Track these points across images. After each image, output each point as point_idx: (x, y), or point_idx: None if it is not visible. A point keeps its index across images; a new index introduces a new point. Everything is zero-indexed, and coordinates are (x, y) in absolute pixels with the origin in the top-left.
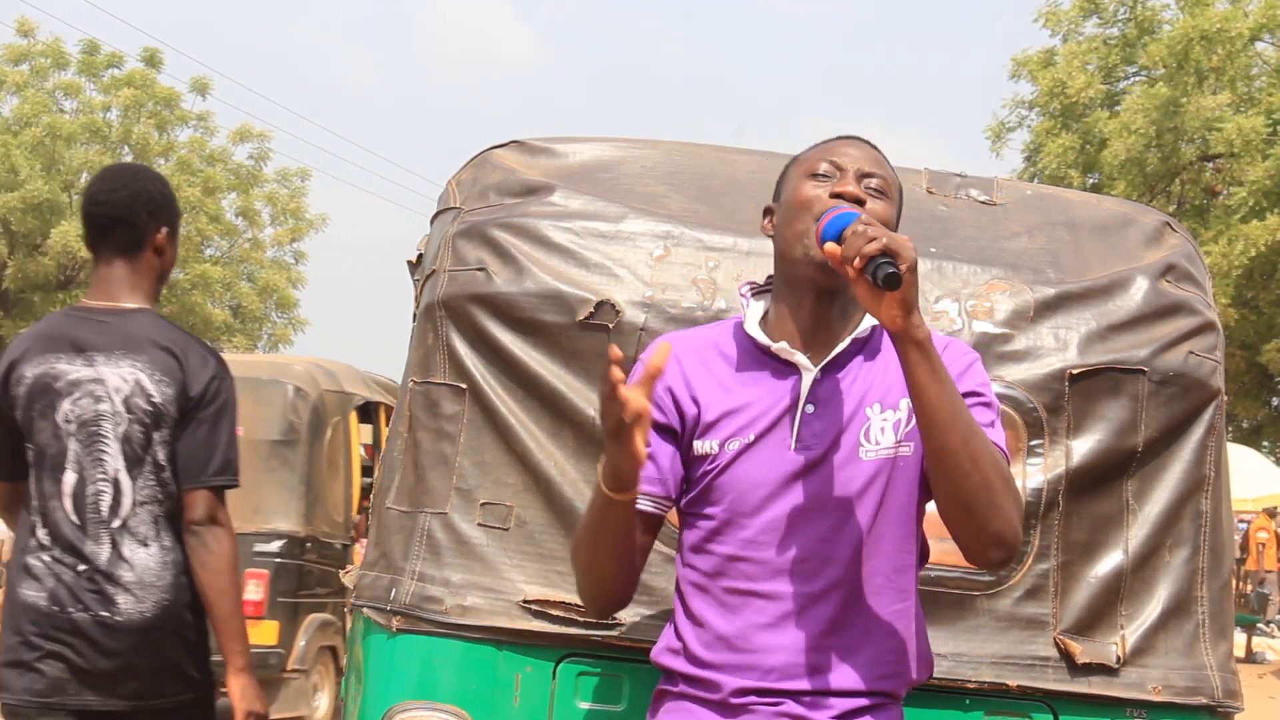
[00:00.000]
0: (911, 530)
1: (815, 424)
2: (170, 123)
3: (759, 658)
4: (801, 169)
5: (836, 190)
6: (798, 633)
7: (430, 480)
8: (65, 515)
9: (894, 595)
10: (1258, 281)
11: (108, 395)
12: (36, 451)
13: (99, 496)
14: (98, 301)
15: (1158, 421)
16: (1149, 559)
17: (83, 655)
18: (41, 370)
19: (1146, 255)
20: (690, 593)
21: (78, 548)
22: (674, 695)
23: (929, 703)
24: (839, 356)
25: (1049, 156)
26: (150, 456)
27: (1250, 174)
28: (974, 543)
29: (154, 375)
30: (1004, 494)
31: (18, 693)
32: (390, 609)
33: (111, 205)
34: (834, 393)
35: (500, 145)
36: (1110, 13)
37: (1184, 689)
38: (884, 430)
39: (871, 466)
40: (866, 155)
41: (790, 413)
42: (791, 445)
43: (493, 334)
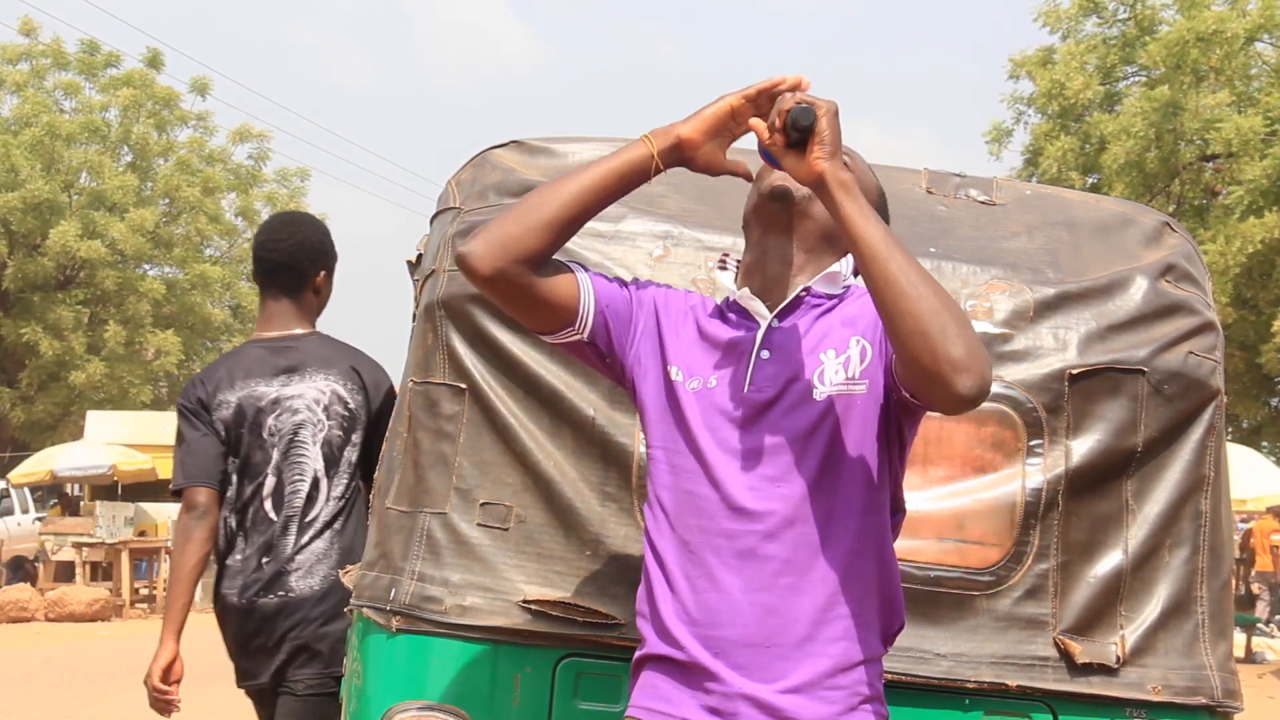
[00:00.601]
0: (871, 472)
1: (769, 368)
2: (170, 123)
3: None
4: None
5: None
6: (754, 575)
7: (430, 480)
8: (265, 514)
9: (853, 536)
10: (1257, 281)
11: (306, 407)
12: (241, 464)
13: (295, 495)
14: (273, 332)
15: (1157, 421)
16: (1149, 559)
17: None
18: (244, 394)
19: (1146, 255)
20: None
21: (269, 543)
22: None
23: (929, 702)
24: (796, 308)
25: (1048, 159)
26: (344, 458)
27: (1248, 173)
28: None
29: (346, 385)
30: (957, 315)
31: (246, 680)
32: (390, 609)
33: (279, 252)
34: (789, 339)
35: (500, 145)
36: (1110, 12)
37: (1183, 689)
38: (836, 372)
39: (822, 405)
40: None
41: (745, 357)
42: (745, 387)
43: (492, 334)
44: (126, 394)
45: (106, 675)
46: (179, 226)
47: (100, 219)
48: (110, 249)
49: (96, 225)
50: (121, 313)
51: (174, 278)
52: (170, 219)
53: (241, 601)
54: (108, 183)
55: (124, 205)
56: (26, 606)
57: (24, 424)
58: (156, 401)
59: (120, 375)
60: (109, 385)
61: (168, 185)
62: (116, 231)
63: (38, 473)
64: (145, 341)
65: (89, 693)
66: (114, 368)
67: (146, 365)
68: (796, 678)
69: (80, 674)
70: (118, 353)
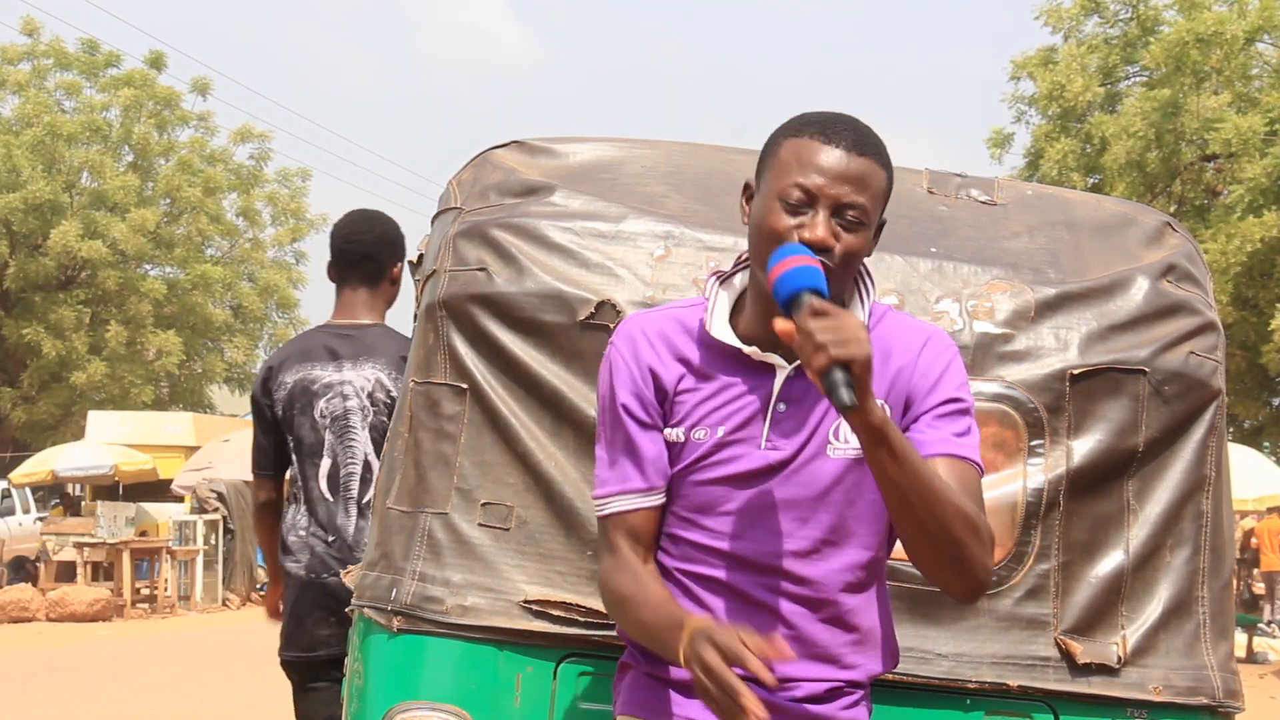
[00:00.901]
0: (880, 526)
1: (786, 423)
2: (170, 123)
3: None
4: (778, 184)
5: (805, 238)
6: (760, 623)
7: (431, 480)
8: (321, 494)
9: (856, 589)
10: (1257, 281)
11: (355, 393)
12: (296, 443)
13: (350, 478)
14: (342, 320)
15: (1158, 421)
16: (1150, 559)
17: (335, 613)
18: (299, 376)
19: (1147, 255)
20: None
21: (330, 522)
22: (635, 668)
23: (929, 703)
24: None
25: (1049, 162)
26: None
27: (1248, 172)
28: (945, 585)
29: (390, 374)
30: (972, 543)
31: (293, 650)
32: (391, 609)
33: (362, 244)
34: (806, 391)
35: (501, 145)
36: (1111, 12)
37: (1185, 689)
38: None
39: (839, 465)
40: (849, 171)
41: (762, 411)
42: (761, 444)
43: (493, 334)
44: (128, 394)
45: (107, 675)
46: (180, 226)
47: (101, 219)
48: (111, 249)
49: (98, 225)
50: (123, 313)
51: (175, 278)
52: (171, 219)
53: (309, 577)
54: (109, 183)
55: (125, 205)
56: (28, 606)
57: (25, 424)
58: (158, 401)
59: (121, 375)
60: (110, 385)
61: (169, 185)
62: (118, 232)
63: (39, 473)
64: (146, 342)
65: (90, 693)
66: (115, 368)
67: (147, 365)
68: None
69: (81, 674)
70: (119, 353)
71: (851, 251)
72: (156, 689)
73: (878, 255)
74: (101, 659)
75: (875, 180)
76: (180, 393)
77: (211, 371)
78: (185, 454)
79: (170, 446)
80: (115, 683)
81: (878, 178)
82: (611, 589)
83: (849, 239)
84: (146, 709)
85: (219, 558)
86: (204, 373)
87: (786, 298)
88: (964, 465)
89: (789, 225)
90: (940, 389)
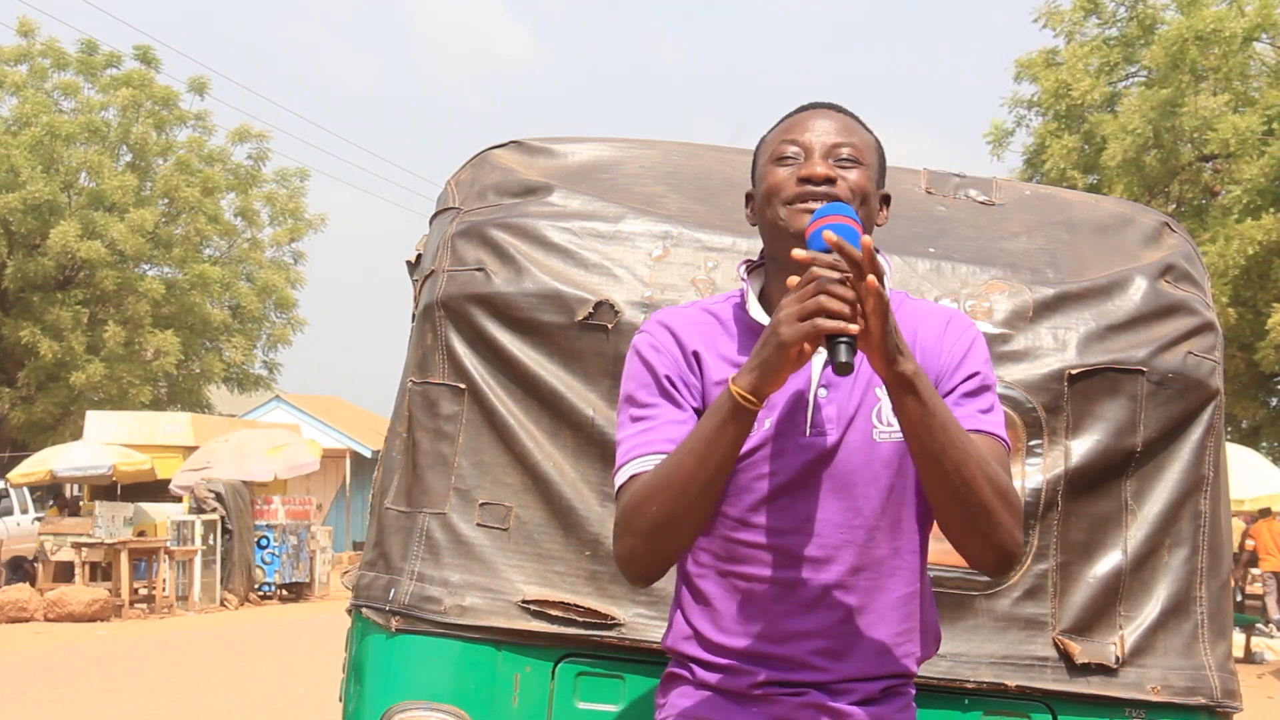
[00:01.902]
0: (925, 508)
1: (828, 408)
2: (169, 122)
3: (781, 648)
4: (768, 153)
5: (803, 174)
6: (818, 619)
7: (429, 480)
8: None
9: (908, 575)
10: (1255, 282)
11: None
12: None
13: None
14: None
15: (1156, 422)
16: (1148, 559)
17: None
18: None
19: (1145, 255)
20: (704, 577)
21: None
22: (688, 681)
23: (928, 703)
24: None
25: (1053, 158)
26: None
27: (1245, 172)
28: (975, 555)
29: None
30: (1001, 509)
31: None
32: (389, 609)
33: None
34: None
35: (499, 145)
36: (1109, 13)
37: (1183, 689)
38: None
39: (886, 449)
40: (832, 124)
41: (803, 397)
42: (807, 431)
43: (491, 334)
44: (126, 394)
45: (105, 675)
46: (178, 227)
47: (100, 219)
48: (110, 249)
49: (96, 225)
50: (121, 313)
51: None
52: (169, 219)
53: None
54: (107, 183)
55: (123, 205)
56: (26, 606)
57: (23, 424)
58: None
59: (119, 375)
60: (108, 385)
61: (167, 185)
62: (116, 232)
63: (37, 473)
64: (144, 342)
65: (88, 693)
66: (113, 368)
67: (146, 365)
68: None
69: (79, 674)
70: (117, 353)
71: (858, 187)
72: (155, 689)
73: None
74: (99, 659)
75: (861, 133)
76: (178, 393)
77: (210, 371)
78: (183, 454)
79: (168, 446)
80: (113, 683)
81: (863, 132)
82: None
83: (851, 175)
84: (145, 709)
85: (217, 558)
86: (202, 373)
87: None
88: (991, 440)
89: (787, 174)
90: (965, 366)
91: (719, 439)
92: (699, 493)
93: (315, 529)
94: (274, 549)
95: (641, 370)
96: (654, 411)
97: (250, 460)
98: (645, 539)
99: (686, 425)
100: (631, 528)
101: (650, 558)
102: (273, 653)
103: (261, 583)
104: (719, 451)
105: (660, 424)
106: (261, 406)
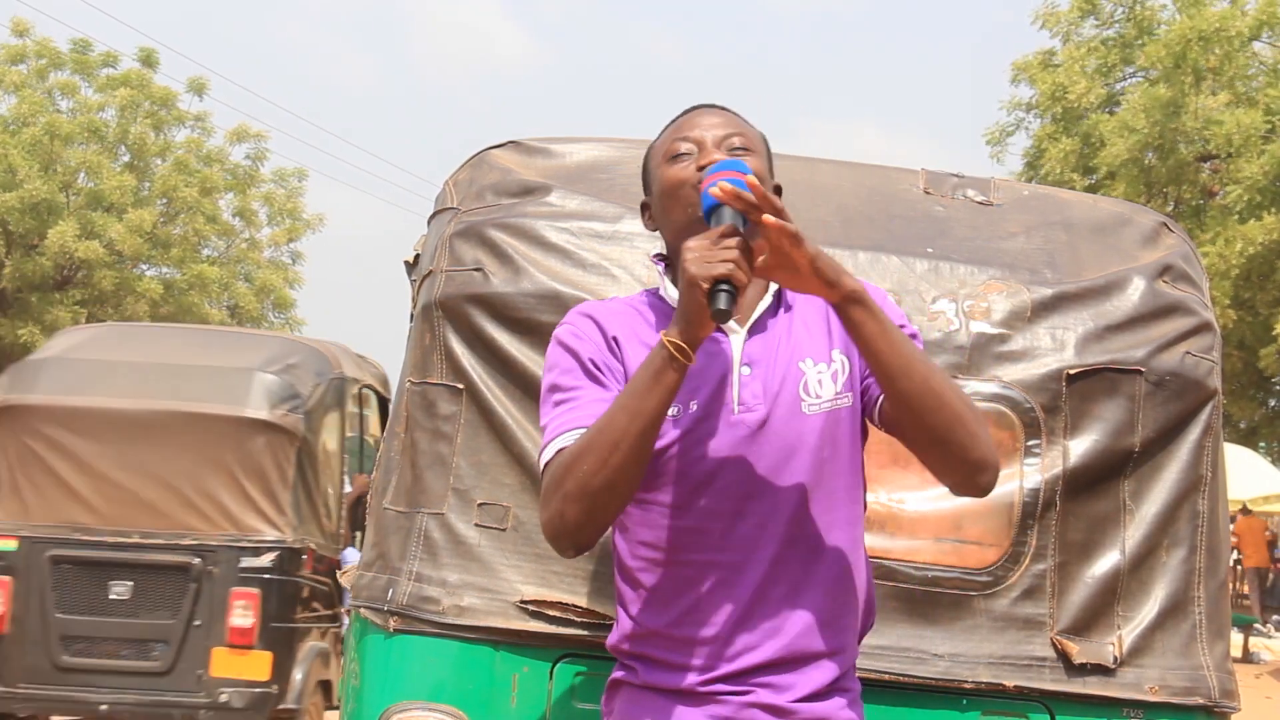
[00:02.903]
0: (858, 479)
1: (754, 384)
2: (167, 122)
3: (724, 628)
4: (660, 155)
5: (701, 163)
6: (761, 600)
7: (427, 480)
8: None
9: (847, 547)
10: (1255, 283)
11: None
12: None
13: None
14: None
15: (1155, 422)
16: (1146, 559)
17: None
18: None
19: (1143, 255)
20: (643, 569)
21: None
22: (632, 685)
23: (925, 703)
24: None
25: (1051, 160)
26: None
27: (1245, 171)
28: (958, 474)
29: None
30: (972, 419)
31: None
32: (387, 609)
33: None
34: (764, 351)
35: (497, 145)
36: (1107, 14)
37: (1181, 689)
38: (821, 383)
39: (816, 420)
40: (720, 119)
41: (726, 376)
42: (734, 409)
43: (490, 334)
44: None
45: None
46: (177, 227)
47: (98, 219)
48: (108, 249)
49: (94, 225)
50: (119, 313)
51: (171, 278)
52: (168, 219)
53: None
54: (106, 183)
55: (122, 205)
56: None
57: None
58: None
59: None
60: None
61: (165, 185)
62: (114, 232)
63: None
64: None
65: None
66: None
67: None
68: (804, 688)
69: None
70: None
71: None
72: None
73: (874, 255)
74: None
75: (748, 127)
76: None
77: None
78: None
79: None
80: None
81: (750, 127)
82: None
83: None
84: None
85: None
86: None
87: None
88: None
89: (683, 169)
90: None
91: (651, 391)
92: (630, 448)
93: None
94: None
95: (564, 357)
96: (578, 393)
97: None
98: (575, 500)
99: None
100: (560, 490)
101: (579, 522)
102: None
103: None
104: (650, 404)
105: (585, 402)
106: None
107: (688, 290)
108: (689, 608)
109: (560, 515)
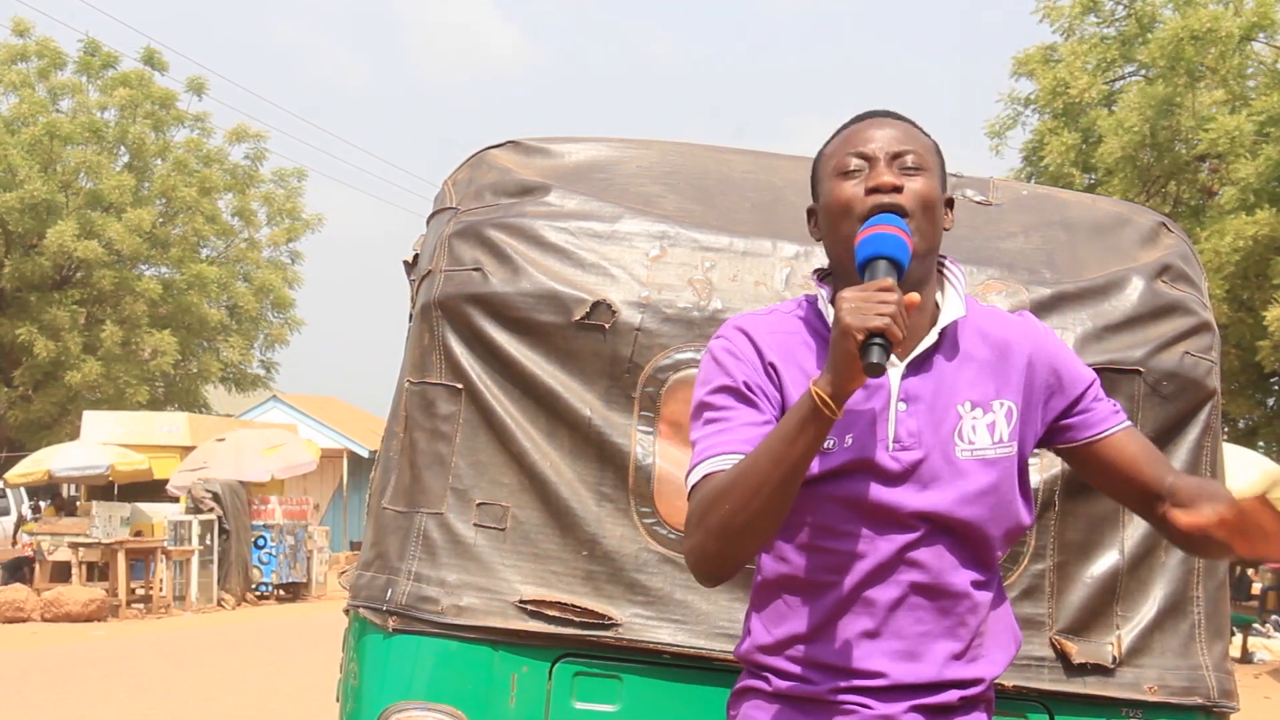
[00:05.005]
0: (1009, 524)
1: (910, 422)
2: (166, 123)
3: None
4: (830, 166)
5: (871, 185)
6: (897, 633)
7: (426, 480)
8: None
9: (988, 589)
10: (1252, 281)
11: None
12: None
13: None
14: None
15: (1154, 421)
16: (1145, 559)
17: None
18: None
19: (1142, 255)
20: (787, 587)
21: None
22: (763, 692)
23: None
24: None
25: (1052, 154)
26: None
27: (1239, 172)
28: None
29: None
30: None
31: None
32: (386, 609)
33: None
34: (923, 390)
35: (496, 145)
36: (1108, 11)
37: (1180, 689)
38: (976, 429)
39: (969, 466)
40: (893, 133)
41: (884, 412)
42: (889, 445)
43: (489, 334)
44: (123, 394)
45: (102, 675)
46: (176, 227)
47: (97, 219)
48: (107, 249)
49: (94, 225)
50: (118, 313)
51: (170, 278)
52: (167, 219)
53: None
54: (105, 183)
55: (121, 205)
56: (23, 606)
57: (20, 424)
58: (153, 402)
59: (117, 375)
60: (105, 385)
61: (165, 185)
62: (113, 231)
63: (35, 473)
64: (141, 342)
65: (85, 693)
66: (110, 368)
67: (143, 365)
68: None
69: (76, 674)
70: (114, 353)
71: (923, 195)
72: (151, 689)
73: None
74: (96, 659)
75: (922, 139)
76: (175, 393)
77: (207, 371)
78: (180, 454)
79: (165, 446)
80: (110, 682)
81: (924, 139)
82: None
83: (915, 183)
84: (141, 709)
85: (214, 558)
86: (199, 373)
87: (864, 260)
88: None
89: (853, 188)
90: (1081, 369)
91: (796, 439)
92: (772, 493)
93: (312, 529)
94: (271, 549)
95: (718, 374)
96: (729, 414)
97: (247, 460)
98: (716, 537)
99: (763, 429)
100: (703, 524)
101: (721, 557)
102: (269, 653)
103: (258, 583)
104: (795, 451)
105: (736, 425)
106: (258, 406)
107: (840, 339)
108: (823, 624)
109: (702, 548)
